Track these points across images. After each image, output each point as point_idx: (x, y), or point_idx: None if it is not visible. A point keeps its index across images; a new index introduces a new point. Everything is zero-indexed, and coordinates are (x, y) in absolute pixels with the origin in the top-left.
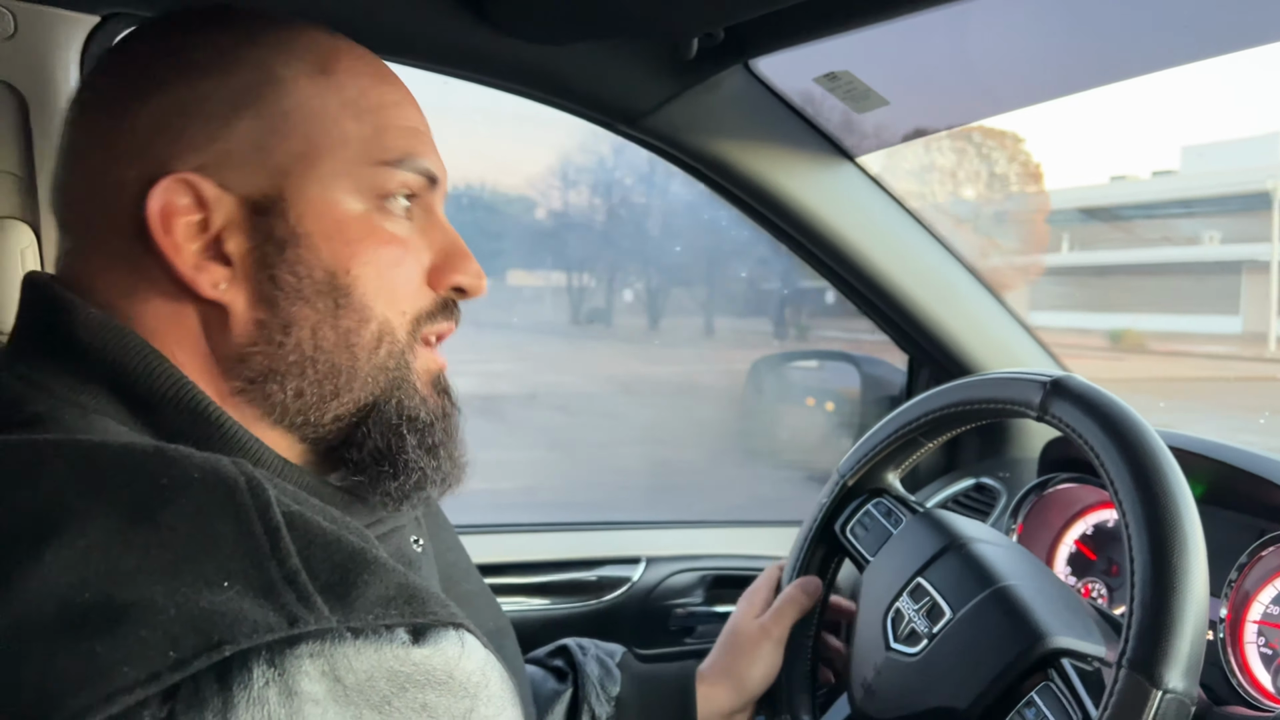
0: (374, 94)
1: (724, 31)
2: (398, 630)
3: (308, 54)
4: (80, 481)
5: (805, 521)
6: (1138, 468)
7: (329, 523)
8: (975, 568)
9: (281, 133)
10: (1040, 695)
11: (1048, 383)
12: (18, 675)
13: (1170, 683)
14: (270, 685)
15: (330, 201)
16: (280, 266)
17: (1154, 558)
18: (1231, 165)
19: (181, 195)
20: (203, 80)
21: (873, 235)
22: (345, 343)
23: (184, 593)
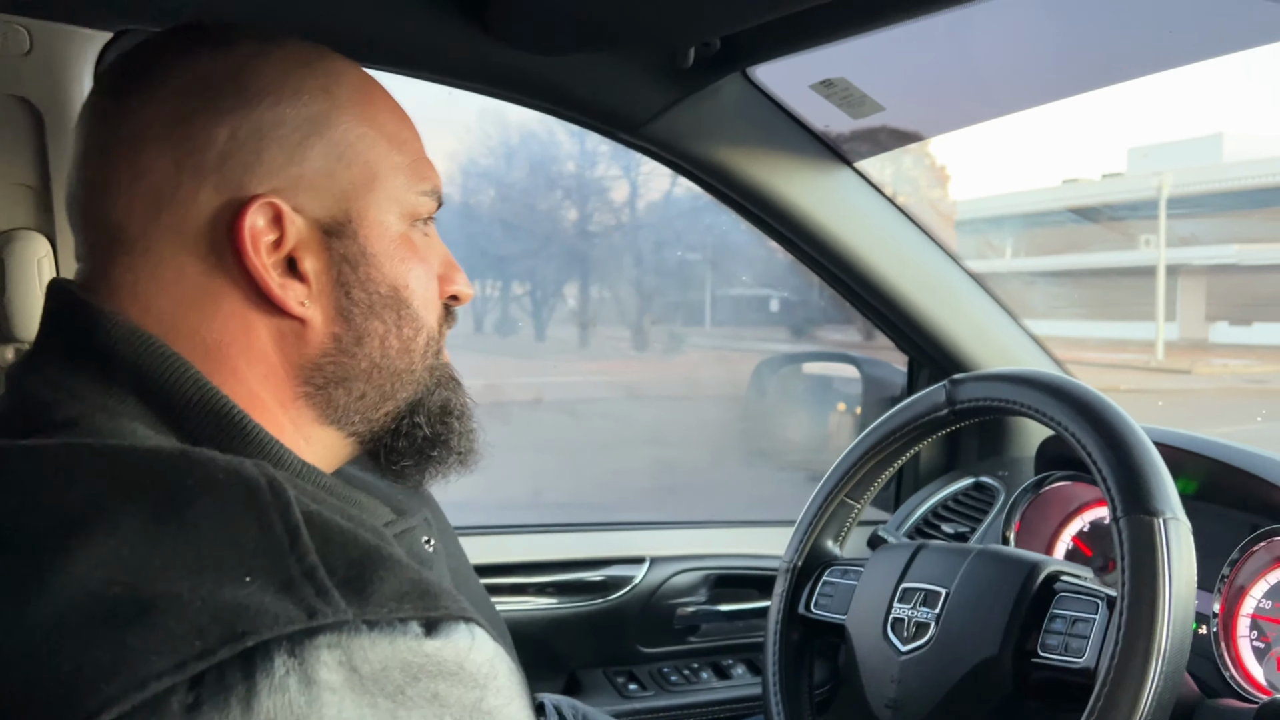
0: (400, 127)
1: (720, 40)
2: (411, 623)
3: (354, 86)
4: (110, 483)
5: (770, 617)
6: (1054, 390)
7: (346, 521)
8: (948, 550)
9: (347, 160)
10: (1060, 604)
11: (946, 382)
12: (53, 664)
13: (1166, 510)
14: (291, 674)
15: (385, 224)
16: (354, 284)
17: (1100, 433)
18: (1176, 166)
19: (263, 217)
20: (278, 106)
21: (871, 239)
22: (406, 349)
23: (208, 587)
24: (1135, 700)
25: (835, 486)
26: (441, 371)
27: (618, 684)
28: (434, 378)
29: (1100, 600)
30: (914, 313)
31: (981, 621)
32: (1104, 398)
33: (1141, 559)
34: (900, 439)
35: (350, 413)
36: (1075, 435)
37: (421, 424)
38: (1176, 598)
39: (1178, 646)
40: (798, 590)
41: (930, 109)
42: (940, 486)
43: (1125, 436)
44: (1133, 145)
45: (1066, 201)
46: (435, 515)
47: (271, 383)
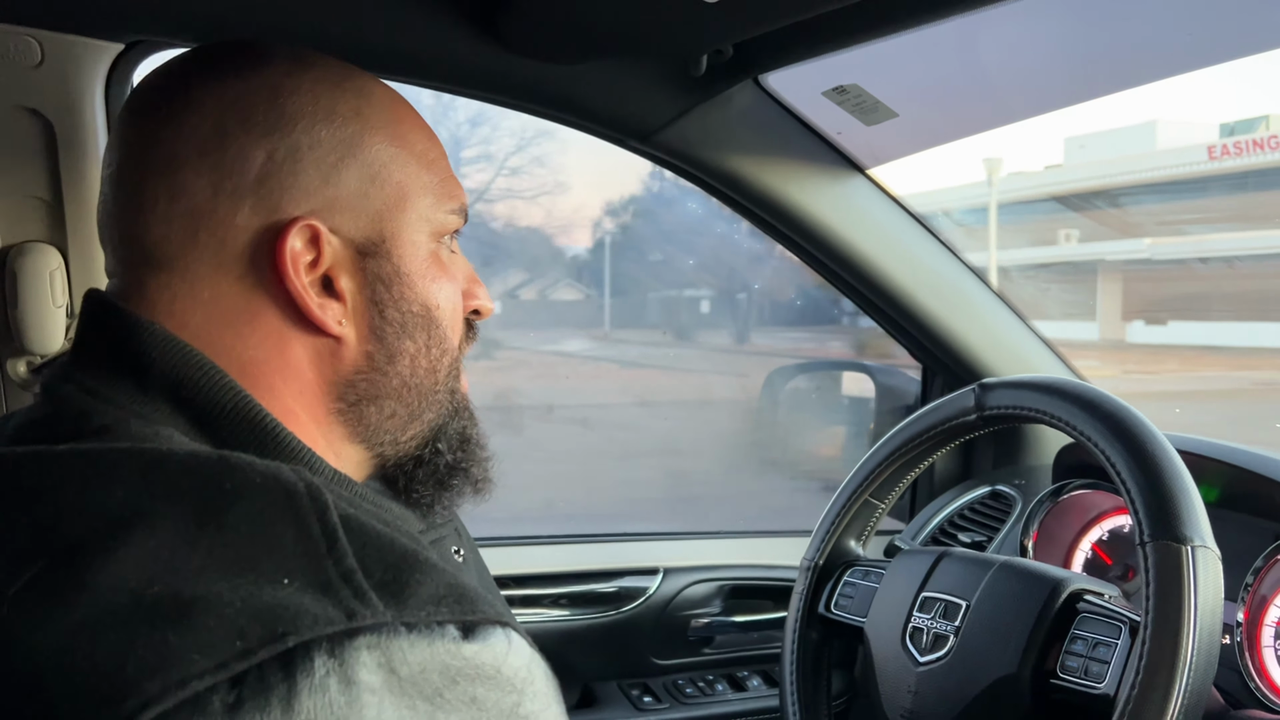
0: (429, 145)
1: (733, 48)
2: (448, 626)
3: (385, 107)
4: (150, 486)
5: (789, 613)
6: (1085, 403)
7: (382, 525)
8: (971, 560)
9: (380, 181)
10: (1082, 626)
11: (976, 386)
12: (95, 662)
13: (1194, 538)
14: (331, 675)
15: (416, 244)
16: (389, 304)
17: (1131, 453)
18: (1111, 155)
19: (301, 238)
20: (313, 128)
21: (885, 246)
22: (433, 369)
23: (247, 588)
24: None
25: (860, 486)
26: (460, 400)
27: (632, 696)
28: (454, 403)
29: (1123, 625)
30: (928, 320)
31: (1001, 638)
32: (1136, 413)
33: (1167, 587)
34: (926, 442)
35: (380, 431)
36: (1105, 452)
37: (443, 451)
38: (1201, 630)
39: (1200, 679)
40: (818, 589)
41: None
42: (956, 495)
43: (1157, 457)
44: (1069, 135)
45: (990, 197)
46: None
47: (306, 399)
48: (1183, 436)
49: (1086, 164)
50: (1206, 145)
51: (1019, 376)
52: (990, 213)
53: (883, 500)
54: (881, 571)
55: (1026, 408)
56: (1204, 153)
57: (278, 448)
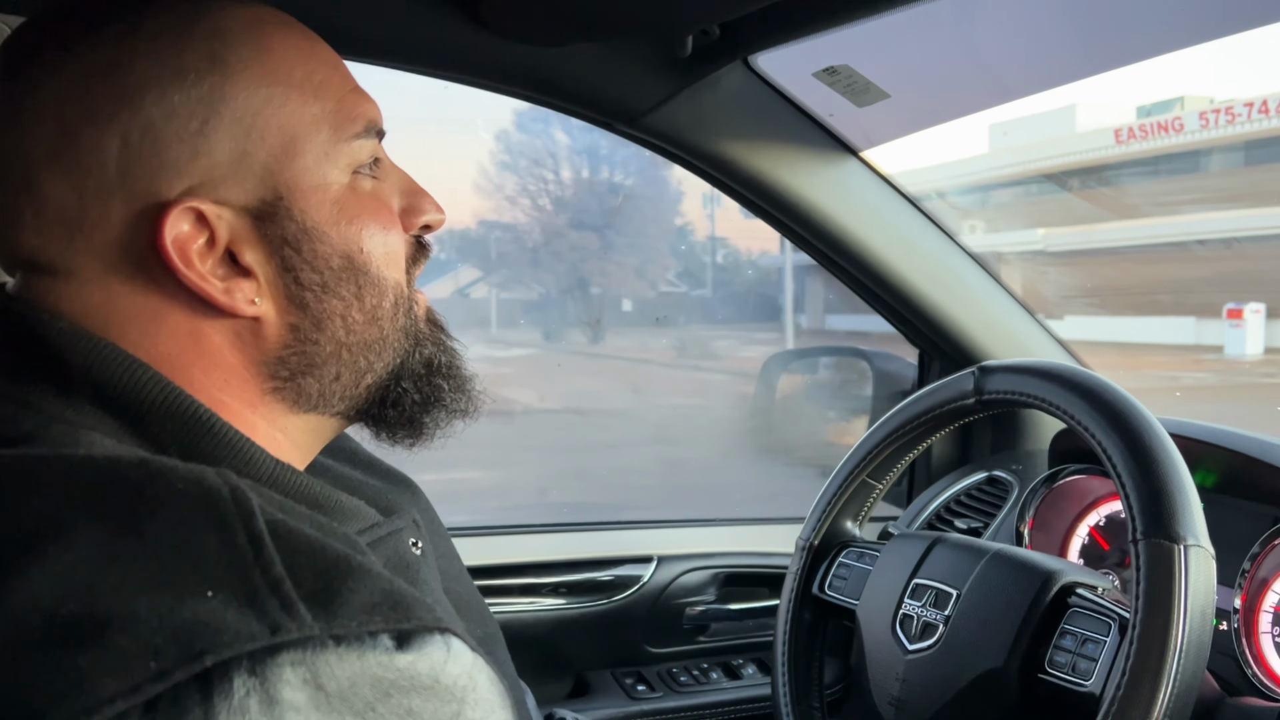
0: (312, 68)
1: (719, 28)
2: (381, 636)
3: (244, 36)
4: (66, 496)
5: (783, 593)
6: (1085, 391)
7: (314, 530)
8: (964, 547)
9: (259, 132)
10: (1071, 621)
11: (974, 370)
12: (3, 690)
13: (1188, 536)
14: (251, 694)
15: (322, 187)
16: (302, 267)
17: (1128, 446)
18: (1033, 140)
19: (185, 222)
20: (165, 95)
21: (879, 229)
22: (373, 319)
23: (167, 603)
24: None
25: (857, 466)
26: (417, 330)
27: (626, 685)
28: (410, 338)
29: (1113, 622)
30: (924, 304)
31: (990, 630)
32: (1136, 404)
33: (1157, 587)
34: (924, 424)
35: (328, 396)
36: (1101, 443)
37: (408, 389)
38: (1190, 632)
39: (1187, 682)
40: (813, 569)
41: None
42: (953, 481)
43: (1154, 450)
44: (994, 121)
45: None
46: (425, 514)
47: (234, 385)
48: (1180, 421)
49: (1008, 149)
50: (1114, 129)
51: (1018, 361)
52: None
53: (880, 481)
54: (876, 554)
55: (1025, 393)
56: (1113, 137)
57: (214, 441)
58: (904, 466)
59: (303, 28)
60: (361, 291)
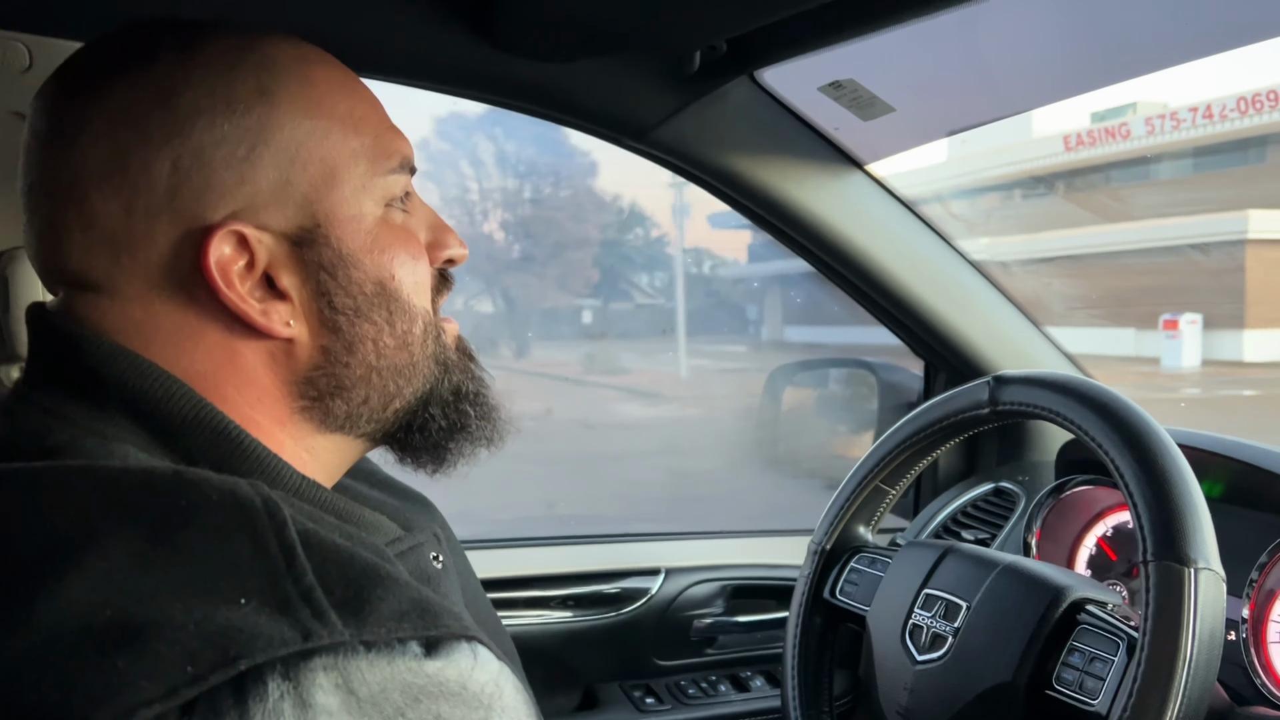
0: (353, 104)
1: (726, 43)
2: (410, 643)
3: (291, 71)
4: (102, 506)
5: (795, 597)
6: (1100, 408)
7: (344, 540)
8: (976, 559)
9: (301, 162)
10: (1080, 638)
11: (991, 379)
12: (41, 691)
13: (1199, 559)
14: (285, 698)
15: (358, 217)
16: (337, 292)
17: (1141, 465)
18: (989, 147)
19: (228, 245)
20: (215, 123)
21: (885, 242)
22: (404, 344)
23: (202, 610)
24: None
25: (871, 471)
26: (446, 356)
27: (634, 698)
28: (439, 365)
29: (1121, 641)
30: (929, 317)
31: (999, 644)
32: (1151, 422)
33: (1166, 610)
34: (938, 432)
35: (355, 418)
36: (1115, 460)
37: (435, 416)
38: (1198, 655)
39: (1194, 706)
40: (825, 573)
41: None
42: (960, 493)
43: (1167, 471)
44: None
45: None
46: (444, 531)
47: (265, 404)
48: (1188, 431)
49: (964, 158)
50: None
51: (1034, 373)
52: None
53: (893, 486)
54: (888, 560)
55: (1040, 405)
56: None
57: (243, 456)
58: (916, 473)
59: (342, 65)
60: (393, 317)
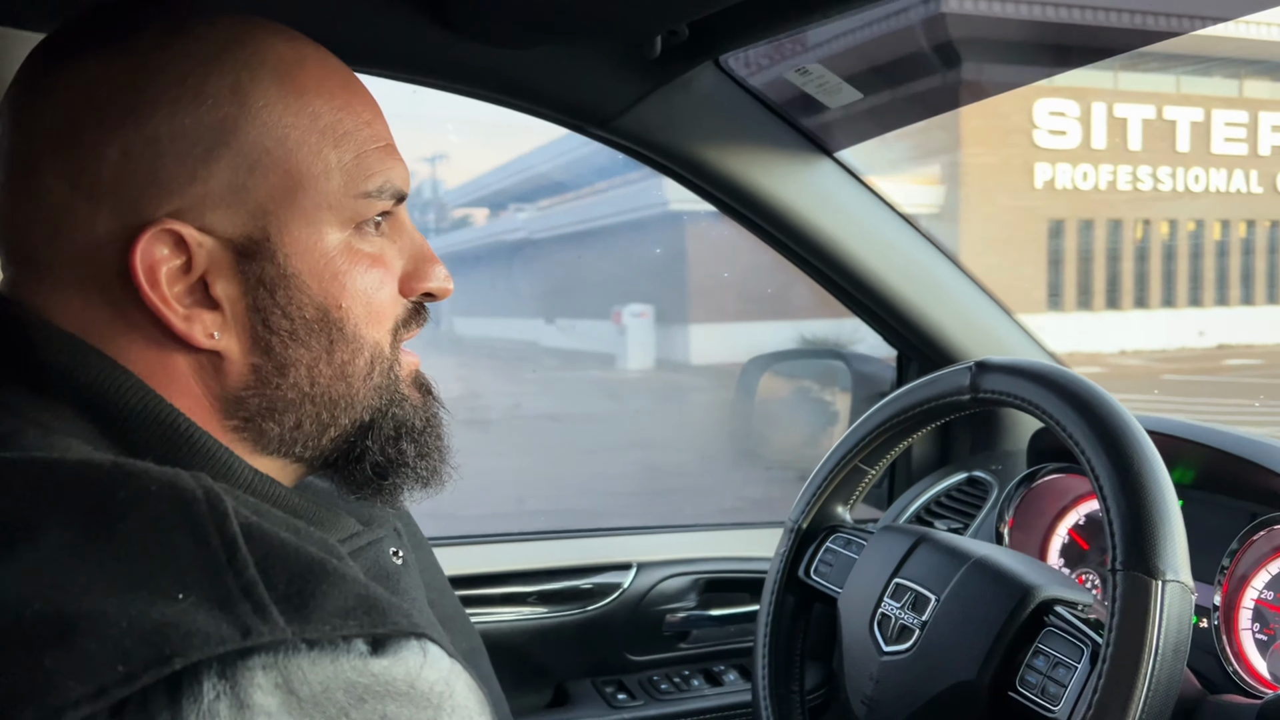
0: (348, 115)
1: (688, 28)
2: (355, 641)
3: (278, 72)
4: (36, 497)
5: (769, 575)
6: (1080, 404)
7: (290, 534)
8: (948, 550)
9: (262, 169)
10: (1046, 641)
11: (972, 365)
12: None
13: (1166, 571)
14: (221, 698)
15: (315, 237)
16: (273, 311)
17: (1117, 469)
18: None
19: (163, 244)
20: (176, 114)
21: (854, 230)
22: (342, 374)
23: (137, 605)
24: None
25: (850, 450)
26: (394, 390)
27: (606, 694)
28: (384, 398)
29: (1086, 647)
30: (900, 306)
31: (965, 642)
32: (1130, 422)
33: (1130, 621)
34: (918, 415)
35: (289, 443)
36: (1090, 461)
37: (373, 449)
38: (1159, 670)
39: (1155, 718)
40: (800, 552)
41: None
42: (933, 482)
43: (1142, 477)
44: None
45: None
46: (407, 525)
47: (199, 415)
48: (1158, 418)
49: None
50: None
51: (1016, 361)
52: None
53: (872, 467)
54: (863, 543)
55: (1020, 396)
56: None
57: (191, 451)
58: (895, 455)
59: (346, 74)
60: (333, 346)
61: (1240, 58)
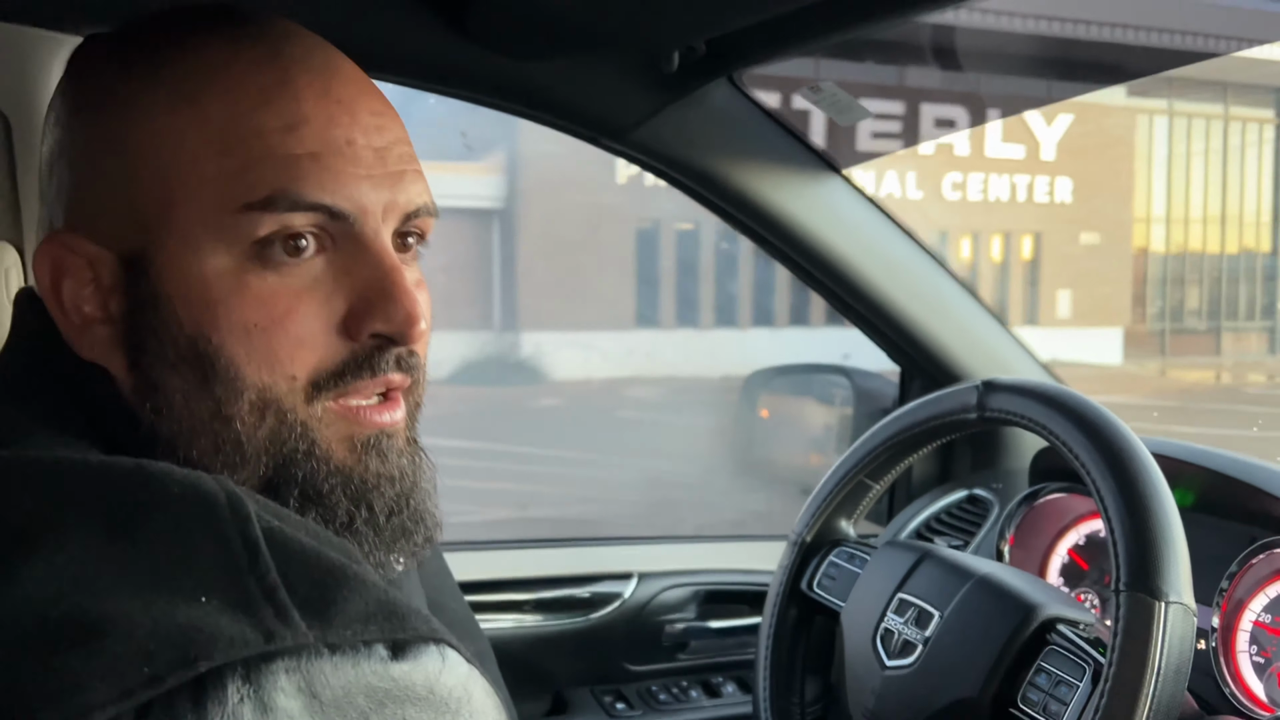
0: (255, 118)
1: (705, 45)
2: (376, 646)
3: (177, 75)
4: (59, 497)
5: (771, 588)
6: (1087, 425)
7: (310, 538)
8: (952, 567)
9: (140, 179)
10: (1048, 659)
11: (980, 384)
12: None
13: (1170, 593)
14: (245, 702)
15: (191, 258)
16: (146, 331)
17: (1122, 490)
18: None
19: (70, 252)
20: (82, 124)
21: (861, 247)
22: (220, 415)
23: (161, 607)
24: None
25: (856, 465)
26: (295, 445)
27: (605, 703)
28: (284, 455)
29: (1088, 667)
30: (905, 322)
31: (967, 658)
32: (1136, 444)
33: (1133, 643)
34: (924, 432)
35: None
36: (1096, 482)
37: (294, 503)
38: (1161, 691)
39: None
40: (803, 565)
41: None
42: (933, 499)
43: (1148, 499)
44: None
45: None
46: None
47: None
48: (1159, 440)
49: None
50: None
51: (1023, 381)
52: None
53: (877, 481)
54: (866, 557)
55: (1027, 416)
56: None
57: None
58: (899, 471)
59: (289, 68)
60: (208, 381)
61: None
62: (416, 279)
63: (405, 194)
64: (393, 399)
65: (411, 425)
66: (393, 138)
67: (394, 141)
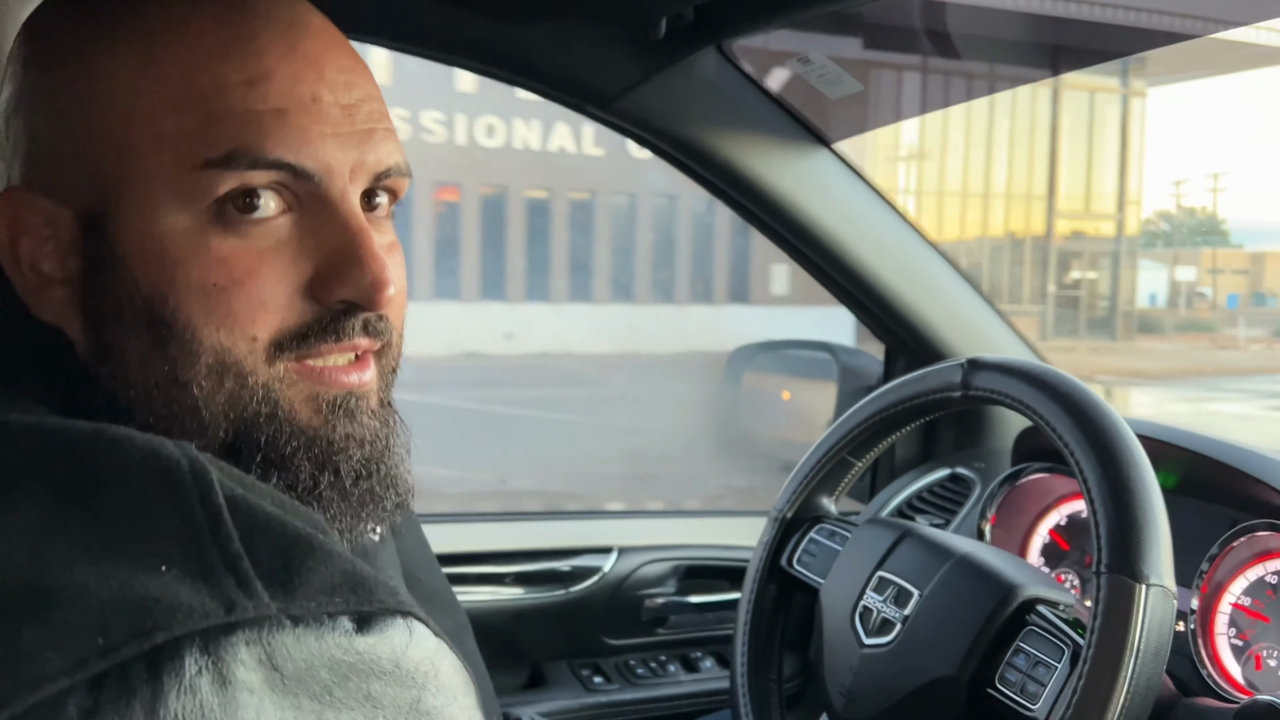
0: (215, 73)
1: (693, 11)
2: (340, 618)
3: (137, 30)
4: (14, 461)
5: (751, 563)
6: (1071, 405)
7: (275, 507)
8: (932, 546)
9: (99, 136)
10: (1026, 640)
11: (965, 362)
12: None
13: (1151, 576)
14: (203, 673)
15: (149, 217)
16: (103, 291)
17: (1105, 471)
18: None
19: (28, 210)
20: (40, 79)
21: (848, 222)
22: (176, 380)
23: (119, 577)
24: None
25: (839, 441)
26: (258, 407)
27: (582, 676)
28: (247, 417)
29: (1066, 648)
30: (891, 299)
31: (946, 638)
32: (1121, 425)
33: (1113, 625)
34: (908, 409)
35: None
36: (1080, 463)
37: (259, 472)
38: (1139, 673)
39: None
40: (784, 541)
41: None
42: (916, 478)
43: (1130, 481)
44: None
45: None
46: None
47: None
48: (1144, 421)
49: None
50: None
51: (1008, 360)
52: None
53: (859, 459)
54: (846, 535)
55: (1012, 396)
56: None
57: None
58: (882, 449)
59: (247, 25)
60: (164, 345)
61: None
62: (389, 242)
63: (375, 153)
64: (363, 360)
65: (385, 388)
66: (362, 94)
67: (363, 99)
